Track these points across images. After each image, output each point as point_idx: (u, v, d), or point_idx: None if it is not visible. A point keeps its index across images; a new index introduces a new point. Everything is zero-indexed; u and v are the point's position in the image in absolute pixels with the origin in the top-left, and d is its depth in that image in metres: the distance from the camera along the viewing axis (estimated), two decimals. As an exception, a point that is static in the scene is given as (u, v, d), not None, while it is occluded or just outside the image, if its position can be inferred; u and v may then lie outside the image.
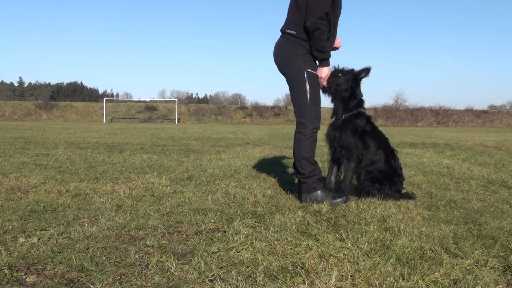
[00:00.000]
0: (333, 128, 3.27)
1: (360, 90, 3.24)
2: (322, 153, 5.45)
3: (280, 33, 3.24)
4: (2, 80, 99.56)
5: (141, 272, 1.71)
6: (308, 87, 3.08)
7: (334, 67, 3.23)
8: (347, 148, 3.18)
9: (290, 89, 3.19)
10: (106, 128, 18.61)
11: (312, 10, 2.95)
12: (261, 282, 1.64)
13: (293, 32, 3.10)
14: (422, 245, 2.05)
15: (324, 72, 3.12)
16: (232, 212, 2.70)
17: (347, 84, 3.18)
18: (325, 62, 3.10)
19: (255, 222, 2.47)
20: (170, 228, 2.32)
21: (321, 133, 3.26)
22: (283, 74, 3.23)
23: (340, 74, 3.19)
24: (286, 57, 3.15)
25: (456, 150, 8.00)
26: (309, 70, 3.09)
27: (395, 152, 3.30)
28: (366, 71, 3.21)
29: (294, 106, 3.17)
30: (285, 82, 3.26)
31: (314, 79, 3.11)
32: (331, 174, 3.34)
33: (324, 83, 3.16)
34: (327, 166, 3.43)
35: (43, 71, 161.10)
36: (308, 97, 3.08)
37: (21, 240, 2.04)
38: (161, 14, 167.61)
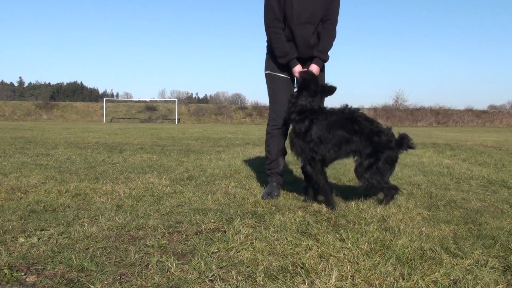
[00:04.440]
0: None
1: (303, 100, 2.96)
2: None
3: None
4: (2, 80, 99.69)
5: (141, 272, 1.71)
6: (268, 88, 3.40)
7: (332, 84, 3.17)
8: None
9: None
10: (106, 128, 18.60)
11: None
12: (261, 282, 1.64)
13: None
14: (422, 245, 2.05)
15: (294, 72, 3.22)
16: (232, 212, 2.70)
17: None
18: (292, 62, 3.19)
19: (255, 222, 2.47)
20: (170, 228, 2.32)
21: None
22: None
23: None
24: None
25: (456, 150, 8.00)
26: (268, 71, 3.37)
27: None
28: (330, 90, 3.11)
29: None
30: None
31: (271, 79, 3.35)
32: None
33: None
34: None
35: (43, 71, 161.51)
36: (268, 96, 3.38)
37: (21, 240, 2.04)
38: (161, 14, 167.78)
